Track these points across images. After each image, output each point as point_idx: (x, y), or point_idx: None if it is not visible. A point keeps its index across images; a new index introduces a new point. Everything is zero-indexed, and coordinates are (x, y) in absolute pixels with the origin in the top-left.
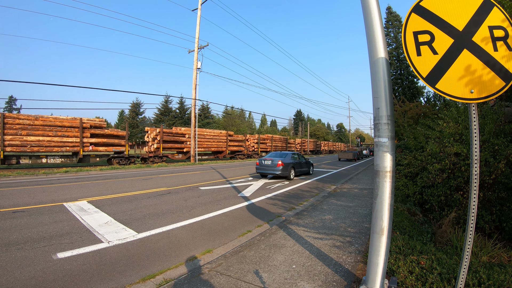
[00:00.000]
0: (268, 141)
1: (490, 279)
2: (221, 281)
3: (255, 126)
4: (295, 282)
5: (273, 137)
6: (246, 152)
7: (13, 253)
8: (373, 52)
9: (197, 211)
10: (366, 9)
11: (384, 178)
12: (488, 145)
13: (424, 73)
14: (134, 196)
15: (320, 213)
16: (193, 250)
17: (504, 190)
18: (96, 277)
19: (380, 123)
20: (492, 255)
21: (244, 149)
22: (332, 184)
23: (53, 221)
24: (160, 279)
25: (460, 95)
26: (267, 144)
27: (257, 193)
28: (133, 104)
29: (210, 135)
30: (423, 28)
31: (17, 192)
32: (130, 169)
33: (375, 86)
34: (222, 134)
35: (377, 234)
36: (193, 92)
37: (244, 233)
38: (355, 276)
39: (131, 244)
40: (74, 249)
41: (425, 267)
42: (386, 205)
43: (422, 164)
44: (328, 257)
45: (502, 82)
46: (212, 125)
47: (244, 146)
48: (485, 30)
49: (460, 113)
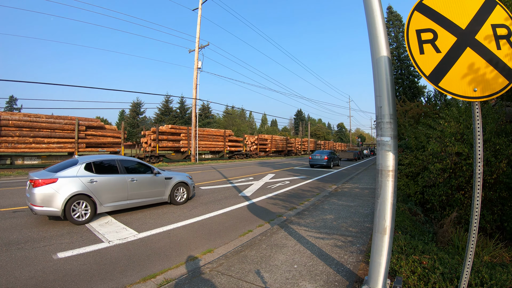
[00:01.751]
0: (269, 141)
1: (492, 278)
2: (222, 281)
3: (256, 126)
4: (296, 282)
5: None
6: (244, 152)
7: (13, 252)
8: (376, 51)
9: (198, 210)
10: (368, 7)
11: (386, 177)
12: (490, 144)
13: (427, 72)
14: None
15: (321, 213)
16: (194, 250)
17: (505, 189)
18: (96, 276)
19: (383, 122)
20: (493, 255)
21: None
22: (333, 183)
23: (53, 220)
24: (161, 279)
25: (463, 93)
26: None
27: (258, 193)
28: (134, 104)
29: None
30: (426, 26)
31: (17, 192)
32: None
33: (377, 84)
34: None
35: (380, 233)
36: (193, 92)
37: (245, 233)
38: (357, 276)
39: (132, 243)
40: (75, 248)
41: (427, 267)
42: (389, 204)
43: (423, 163)
44: (329, 257)
45: (505, 80)
46: (213, 124)
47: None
48: (488, 28)
49: (461, 112)
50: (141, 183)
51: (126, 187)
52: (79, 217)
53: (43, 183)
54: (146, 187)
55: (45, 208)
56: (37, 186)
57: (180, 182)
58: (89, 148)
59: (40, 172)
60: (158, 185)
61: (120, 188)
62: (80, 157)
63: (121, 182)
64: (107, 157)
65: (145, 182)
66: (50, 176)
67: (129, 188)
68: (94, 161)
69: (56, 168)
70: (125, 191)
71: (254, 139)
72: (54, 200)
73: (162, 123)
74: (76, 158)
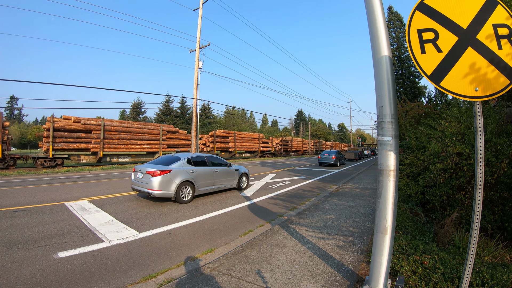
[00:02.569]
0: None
1: (493, 279)
2: (223, 280)
3: (256, 126)
4: (297, 282)
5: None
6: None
7: (14, 252)
8: (377, 50)
9: (199, 210)
10: (369, 8)
11: (388, 177)
12: (490, 145)
13: (428, 71)
14: (135, 195)
15: (322, 213)
16: (194, 250)
17: (506, 190)
18: (97, 276)
19: (384, 122)
20: (494, 255)
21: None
22: (334, 183)
23: (54, 220)
24: (161, 278)
25: (464, 93)
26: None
27: (259, 193)
28: (134, 104)
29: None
30: (427, 26)
31: (18, 192)
32: (132, 169)
33: (378, 84)
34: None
35: (381, 233)
36: (194, 92)
37: (245, 233)
38: (358, 276)
39: (132, 243)
40: (75, 248)
41: (428, 267)
42: (390, 204)
43: (424, 164)
44: (330, 257)
45: (507, 80)
46: (214, 125)
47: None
48: (489, 28)
49: (462, 112)
50: (221, 173)
51: (213, 176)
52: (184, 197)
53: (161, 173)
54: (224, 176)
55: (162, 192)
56: (156, 176)
57: (243, 173)
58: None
59: (146, 166)
60: (231, 175)
61: (209, 176)
62: (181, 154)
63: (210, 172)
64: (198, 154)
65: (224, 172)
66: (165, 168)
67: (215, 176)
68: (192, 157)
69: (161, 162)
70: (212, 178)
71: (278, 141)
72: (169, 185)
73: (163, 123)
74: (177, 155)
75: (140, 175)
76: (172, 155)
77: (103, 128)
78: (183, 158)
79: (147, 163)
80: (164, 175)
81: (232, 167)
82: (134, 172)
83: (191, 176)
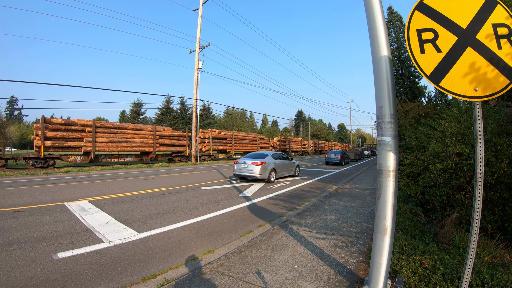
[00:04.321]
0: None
1: (493, 279)
2: (222, 281)
3: (256, 126)
4: (297, 283)
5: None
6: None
7: (14, 252)
8: (376, 50)
9: (198, 211)
10: (369, 7)
11: (387, 177)
12: (490, 145)
13: (428, 71)
14: (135, 196)
15: (322, 213)
16: (194, 250)
17: (506, 190)
18: (96, 277)
19: (383, 122)
20: (494, 255)
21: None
22: (334, 184)
23: (53, 220)
24: (161, 279)
25: (464, 93)
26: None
27: (259, 193)
28: (134, 104)
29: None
30: (427, 26)
31: (18, 192)
32: (132, 169)
33: (378, 84)
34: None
35: (380, 234)
36: (194, 92)
37: (245, 233)
38: (358, 276)
39: (132, 244)
40: (75, 249)
41: (428, 267)
42: (390, 204)
43: (424, 164)
44: (330, 257)
45: (506, 80)
46: (213, 125)
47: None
48: (489, 27)
49: (462, 112)
50: (287, 164)
51: (284, 166)
52: (271, 178)
53: (261, 163)
54: (288, 166)
55: (262, 176)
56: (258, 165)
57: (297, 165)
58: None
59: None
60: (292, 166)
61: (282, 166)
62: (267, 152)
63: (282, 164)
64: (276, 152)
65: (288, 164)
66: (262, 160)
67: (285, 166)
68: (272, 154)
69: (256, 156)
70: (283, 168)
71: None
72: (265, 171)
73: (163, 123)
74: (263, 152)
75: (245, 165)
76: (259, 152)
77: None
78: (269, 155)
79: (243, 157)
80: (263, 165)
81: (292, 160)
82: (237, 164)
83: (275, 166)
